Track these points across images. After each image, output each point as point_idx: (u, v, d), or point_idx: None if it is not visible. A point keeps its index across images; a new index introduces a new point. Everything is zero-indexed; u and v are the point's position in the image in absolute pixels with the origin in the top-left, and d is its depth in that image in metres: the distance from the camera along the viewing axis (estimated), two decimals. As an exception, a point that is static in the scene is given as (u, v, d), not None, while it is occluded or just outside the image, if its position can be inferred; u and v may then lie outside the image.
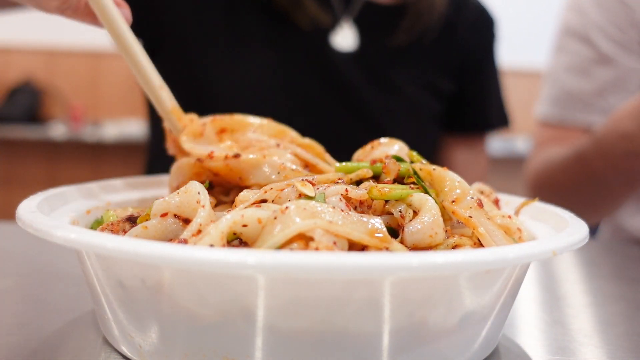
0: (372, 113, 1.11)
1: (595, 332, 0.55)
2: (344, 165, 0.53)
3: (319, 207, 0.41)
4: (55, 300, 0.58)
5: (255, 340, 0.39)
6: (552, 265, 0.78)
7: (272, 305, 0.38)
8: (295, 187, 0.46)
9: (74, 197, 0.57)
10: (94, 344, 0.47)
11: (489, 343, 0.47)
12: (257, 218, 0.42)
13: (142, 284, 0.40)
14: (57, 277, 0.65)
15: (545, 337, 0.54)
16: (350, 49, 1.10)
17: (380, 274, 0.36)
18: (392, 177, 0.51)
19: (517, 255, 0.38)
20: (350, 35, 1.11)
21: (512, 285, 0.46)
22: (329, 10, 1.09)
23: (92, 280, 0.45)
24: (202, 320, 0.39)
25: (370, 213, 0.47)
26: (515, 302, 0.52)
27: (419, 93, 1.16)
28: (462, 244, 0.46)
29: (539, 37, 3.33)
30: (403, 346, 0.40)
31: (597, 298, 0.67)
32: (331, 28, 1.09)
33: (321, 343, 0.39)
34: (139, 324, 0.42)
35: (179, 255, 0.35)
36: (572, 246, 0.43)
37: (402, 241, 0.45)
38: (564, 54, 1.18)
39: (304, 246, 0.40)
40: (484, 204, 0.49)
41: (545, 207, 0.57)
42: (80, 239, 0.38)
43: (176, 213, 0.46)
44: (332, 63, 1.09)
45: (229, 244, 0.42)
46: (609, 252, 0.93)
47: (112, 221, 0.49)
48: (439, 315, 0.40)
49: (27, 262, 0.71)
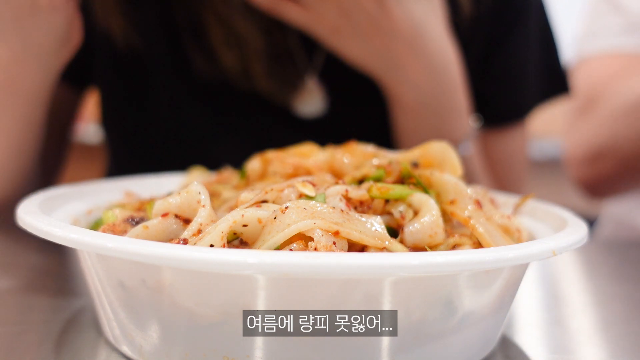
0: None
1: (595, 332, 0.55)
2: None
3: (319, 207, 0.42)
4: (55, 300, 0.58)
5: (255, 340, 0.39)
6: (552, 265, 0.78)
7: (272, 305, 0.38)
8: (296, 188, 0.46)
9: (75, 197, 0.58)
10: (94, 344, 0.47)
11: (488, 343, 0.47)
12: (257, 218, 0.42)
13: (143, 284, 0.40)
14: (57, 277, 0.65)
15: (544, 337, 0.54)
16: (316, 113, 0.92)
17: (380, 274, 0.36)
18: (394, 179, 0.51)
19: (517, 255, 0.39)
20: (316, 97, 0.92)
21: (512, 285, 0.46)
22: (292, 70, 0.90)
23: (93, 280, 0.45)
24: (202, 320, 0.39)
25: (370, 213, 0.47)
26: (515, 301, 0.52)
27: None
28: (462, 244, 0.46)
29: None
30: (403, 346, 0.40)
31: (597, 298, 0.67)
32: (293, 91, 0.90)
33: (321, 343, 0.39)
34: (139, 323, 0.42)
35: (179, 255, 0.35)
36: (571, 246, 0.43)
37: (402, 241, 0.45)
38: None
39: (303, 246, 0.40)
40: (483, 204, 0.49)
41: (545, 206, 0.57)
42: (81, 238, 0.38)
43: (177, 213, 0.46)
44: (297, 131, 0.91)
45: (229, 244, 0.42)
46: (609, 252, 0.93)
47: (113, 221, 0.49)
48: (439, 315, 0.40)
49: (27, 261, 0.71)
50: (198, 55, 0.88)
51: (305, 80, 0.90)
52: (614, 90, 1.06)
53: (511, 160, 1.05)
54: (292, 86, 0.90)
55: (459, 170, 0.53)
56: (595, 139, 1.08)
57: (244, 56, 0.86)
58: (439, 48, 0.82)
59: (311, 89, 0.90)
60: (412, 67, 0.81)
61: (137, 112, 0.92)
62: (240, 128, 0.92)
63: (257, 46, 0.86)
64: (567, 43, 1.21)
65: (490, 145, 1.03)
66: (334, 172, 0.55)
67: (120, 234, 0.47)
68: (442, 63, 0.82)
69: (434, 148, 0.55)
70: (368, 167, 0.52)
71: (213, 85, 0.89)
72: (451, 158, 0.54)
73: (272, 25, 0.86)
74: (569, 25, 1.47)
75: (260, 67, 0.87)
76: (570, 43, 1.26)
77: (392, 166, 0.51)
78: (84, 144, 3.66)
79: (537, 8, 1.02)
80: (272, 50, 0.88)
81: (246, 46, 0.86)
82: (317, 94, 0.91)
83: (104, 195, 0.61)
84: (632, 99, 1.02)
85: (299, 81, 0.90)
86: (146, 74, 0.90)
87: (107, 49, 0.89)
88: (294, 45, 0.89)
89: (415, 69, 0.81)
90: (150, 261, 0.36)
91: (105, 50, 0.89)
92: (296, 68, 0.90)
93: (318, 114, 0.91)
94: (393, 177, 0.51)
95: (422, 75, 0.82)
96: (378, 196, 0.47)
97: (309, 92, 0.90)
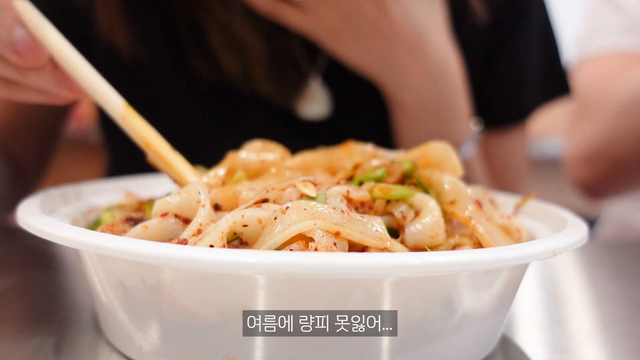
0: None
1: (595, 332, 0.55)
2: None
3: (319, 207, 0.42)
4: (55, 300, 0.58)
5: (255, 340, 0.39)
6: (552, 265, 0.78)
7: (272, 305, 0.38)
8: (297, 188, 0.46)
9: (74, 197, 0.58)
10: (94, 344, 0.47)
11: (488, 343, 0.47)
12: (257, 218, 0.42)
13: (143, 284, 0.40)
14: (57, 277, 0.65)
15: (544, 337, 0.54)
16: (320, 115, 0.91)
17: (380, 274, 0.36)
18: (395, 179, 0.51)
19: (517, 255, 0.39)
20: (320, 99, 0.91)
21: (512, 285, 0.46)
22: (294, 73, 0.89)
23: (93, 280, 0.45)
24: (202, 320, 0.39)
25: (371, 214, 0.47)
26: (515, 301, 0.52)
27: None
28: (462, 244, 0.46)
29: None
30: (403, 346, 0.40)
31: (597, 298, 0.67)
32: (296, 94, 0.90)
33: (321, 343, 0.39)
34: (139, 323, 0.42)
35: (179, 255, 0.35)
36: (571, 246, 0.43)
37: (403, 242, 0.45)
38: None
39: (304, 247, 0.40)
40: (483, 205, 0.49)
41: (545, 206, 0.57)
42: (81, 239, 0.38)
43: (177, 213, 0.46)
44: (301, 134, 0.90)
45: (229, 244, 0.42)
46: (609, 252, 0.93)
47: (112, 222, 0.49)
48: (439, 315, 0.40)
49: (28, 261, 0.71)
50: (199, 60, 0.88)
51: (309, 82, 0.89)
52: (611, 90, 1.06)
53: (512, 161, 1.05)
54: (294, 89, 0.89)
55: (459, 170, 0.53)
56: (592, 140, 1.08)
57: (245, 60, 0.86)
58: (440, 51, 0.81)
59: (314, 91, 0.90)
60: (413, 71, 0.81)
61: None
62: (241, 131, 0.91)
63: (258, 50, 0.86)
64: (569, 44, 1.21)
65: (491, 147, 1.03)
66: (332, 172, 0.55)
67: (119, 234, 0.47)
68: (442, 67, 0.82)
69: (434, 148, 0.54)
70: (366, 165, 0.52)
71: (214, 88, 0.89)
72: (451, 158, 0.54)
73: (273, 29, 0.85)
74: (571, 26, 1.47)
75: (261, 71, 0.87)
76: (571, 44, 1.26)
77: (394, 166, 0.51)
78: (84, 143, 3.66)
79: (539, 10, 1.02)
80: (273, 54, 0.87)
81: (247, 51, 0.86)
82: (320, 96, 0.90)
83: (104, 196, 0.61)
84: (628, 99, 1.02)
85: (302, 84, 0.89)
86: (147, 77, 0.90)
87: (108, 57, 0.88)
88: (296, 48, 0.89)
89: (415, 72, 0.81)
90: (150, 261, 0.36)
91: (106, 57, 0.89)
92: (299, 71, 0.89)
93: (321, 117, 0.91)
94: (395, 177, 0.51)
95: (423, 78, 0.82)
96: (380, 196, 0.46)
97: (312, 95, 0.90)
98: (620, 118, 1.03)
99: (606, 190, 1.15)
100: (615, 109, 1.04)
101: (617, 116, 1.04)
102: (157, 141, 0.54)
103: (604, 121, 1.06)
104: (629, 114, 1.02)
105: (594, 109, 1.09)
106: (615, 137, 1.04)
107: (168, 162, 0.54)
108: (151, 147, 0.54)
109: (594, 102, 1.09)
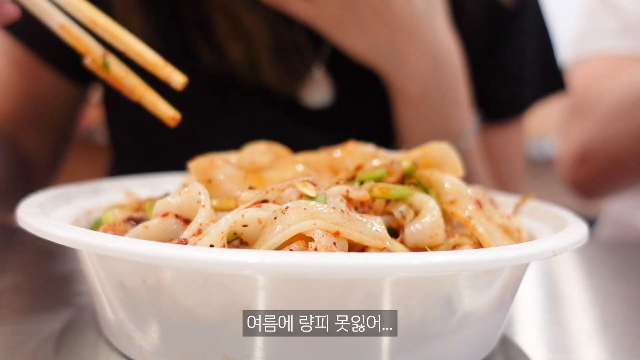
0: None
1: (595, 331, 0.55)
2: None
3: (319, 207, 0.42)
4: (55, 300, 0.58)
5: (255, 340, 0.39)
6: (552, 265, 0.78)
7: (272, 305, 0.38)
8: (297, 188, 0.46)
9: (75, 197, 0.57)
10: (94, 344, 0.47)
11: (488, 343, 0.47)
12: (257, 218, 0.42)
13: (143, 284, 0.40)
14: (57, 277, 0.65)
15: (544, 337, 0.54)
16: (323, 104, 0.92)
17: (380, 274, 0.36)
18: (395, 179, 0.51)
19: (517, 255, 0.39)
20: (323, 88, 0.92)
21: (512, 285, 0.46)
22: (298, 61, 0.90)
23: (93, 280, 0.45)
24: (202, 320, 0.39)
25: (371, 214, 0.47)
26: (515, 301, 0.52)
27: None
28: (462, 244, 0.46)
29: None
30: (403, 346, 0.40)
31: (597, 298, 0.67)
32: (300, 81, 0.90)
33: (321, 343, 0.39)
34: (139, 323, 0.42)
35: (179, 255, 0.35)
36: (571, 246, 0.43)
37: (403, 241, 0.45)
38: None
39: (303, 247, 0.40)
40: (483, 205, 0.49)
41: (545, 206, 0.57)
42: (81, 238, 0.39)
43: (177, 213, 0.46)
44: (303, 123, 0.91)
45: (229, 244, 0.42)
46: (609, 252, 0.93)
47: (113, 221, 0.49)
48: (439, 315, 0.40)
49: (27, 261, 0.71)
50: (204, 49, 0.89)
51: (312, 71, 0.90)
52: (605, 90, 1.06)
53: (508, 156, 1.06)
54: (298, 78, 0.90)
55: (459, 170, 0.53)
56: (586, 140, 1.08)
57: (250, 49, 0.87)
58: (441, 40, 0.82)
59: (318, 79, 0.91)
60: (414, 59, 0.82)
61: (142, 107, 0.93)
62: (246, 120, 0.93)
63: (263, 39, 0.87)
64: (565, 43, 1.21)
65: (488, 141, 1.05)
66: (333, 172, 0.55)
67: (120, 234, 0.47)
68: (443, 55, 0.83)
69: (434, 149, 0.55)
70: (368, 165, 0.52)
71: (219, 78, 0.90)
72: (451, 158, 0.54)
73: (278, 17, 0.86)
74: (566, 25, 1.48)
75: (266, 60, 0.87)
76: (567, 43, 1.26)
77: (394, 166, 0.51)
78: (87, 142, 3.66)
79: (535, 7, 1.04)
80: (278, 42, 0.88)
81: (252, 39, 0.87)
82: (324, 84, 0.91)
83: (104, 195, 0.61)
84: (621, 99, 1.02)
85: (306, 72, 0.90)
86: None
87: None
88: (300, 36, 0.90)
89: (417, 61, 0.82)
90: (150, 261, 0.36)
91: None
92: (302, 60, 0.90)
93: (325, 105, 0.91)
94: (394, 177, 0.51)
95: (424, 67, 0.82)
96: (380, 196, 0.47)
97: (315, 83, 0.91)
98: (614, 118, 1.04)
99: (599, 190, 1.16)
100: (609, 109, 1.04)
101: (611, 116, 1.04)
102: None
103: (598, 121, 1.07)
104: (622, 114, 1.02)
105: (587, 109, 1.09)
106: (609, 137, 1.05)
107: (116, 36, 0.56)
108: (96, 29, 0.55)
109: (588, 102, 1.10)
